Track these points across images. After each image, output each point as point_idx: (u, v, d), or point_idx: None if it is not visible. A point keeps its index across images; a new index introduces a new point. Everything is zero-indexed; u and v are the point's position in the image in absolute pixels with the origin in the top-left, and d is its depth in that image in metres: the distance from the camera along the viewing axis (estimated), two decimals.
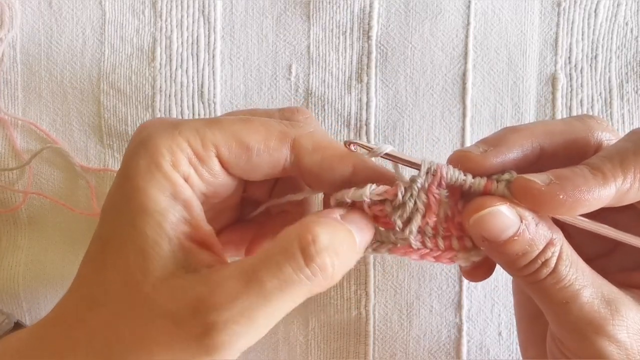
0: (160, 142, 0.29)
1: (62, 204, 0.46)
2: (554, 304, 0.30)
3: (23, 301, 0.47)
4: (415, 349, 0.46)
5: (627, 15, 0.45)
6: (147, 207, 0.29)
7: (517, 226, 0.29)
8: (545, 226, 0.29)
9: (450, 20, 0.45)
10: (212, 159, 0.30)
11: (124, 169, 0.30)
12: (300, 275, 0.27)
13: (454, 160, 0.31)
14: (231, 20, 0.46)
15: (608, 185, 0.28)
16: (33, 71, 0.46)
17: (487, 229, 0.29)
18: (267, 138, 0.30)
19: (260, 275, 0.27)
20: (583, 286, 0.29)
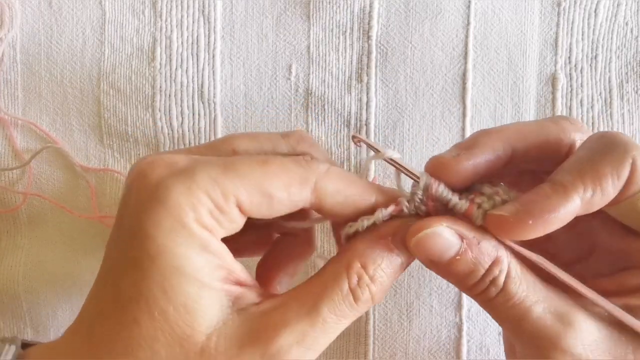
0: (180, 199, 0.28)
1: (61, 206, 0.46)
2: (507, 321, 0.31)
3: (23, 301, 0.47)
4: (415, 349, 0.46)
5: (627, 15, 0.45)
6: (181, 266, 0.28)
7: (458, 246, 0.29)
8: (489, 244, 0.30)
9: (450, 20, 0.45)
10: (232, 210, 0.29)
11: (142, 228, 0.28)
12: (353, 311, 0.30)
13: (429, 166, 0.32)
14: (231, 20, 0.46)
15: (571, 199, 0.28)
16: (33, 71, 0.46)
17: (427, 251, 0.29)
18: (288, 185, 0.30)
19: (322, 313, 0.29)
20: (535, 302, 0.30)
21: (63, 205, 0.46)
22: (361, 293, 0.29)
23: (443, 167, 0.31)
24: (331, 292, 0.29)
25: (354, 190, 0.31)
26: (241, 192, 0.29)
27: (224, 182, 0.28)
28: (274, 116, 0.46)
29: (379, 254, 0.30)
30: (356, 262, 0.30)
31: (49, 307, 0.47)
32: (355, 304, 0.29)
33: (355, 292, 0.29)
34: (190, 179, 0.28)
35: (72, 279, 0.47)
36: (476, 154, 0.31)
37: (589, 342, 0.30)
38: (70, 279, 0.47)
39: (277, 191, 0.29)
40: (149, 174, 0.29)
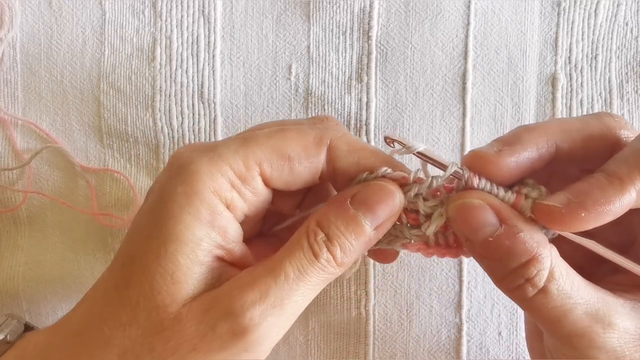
0: (201, 168, 0.29)
1: (62, 202, 0.46)
2: (543, 320, 0.30)
3: (23, 301, 0.47)
4: (415, 349, 0.46)
5: (627, 15, 0.45)
6: (182, 235, 0.29)
7: (495, 227, 0.28)
8: (531, 238, 0.28)
9: (450, 20, 0.45)
10: (255, 178, 0.30)
11: (159, 193, 0.30)
12: (315, 267, 0.29)
13: (468, 160, 0.31)
14: (231, 20, 0.46)
15: (627, 191, 0.27)
16: (33, 71, 0.46)
17: (464, 222, 0.29)
18: (305, 145, 0.30)
19: (283, 266, 0.29)
20: (576, 304, 0.29)
21: (63, 201, 0.46)
22: (319, 249, 0.29)
23: (484, 162, 0.30)
24: (293, 249, 0.29)
25: (367, 154, 0.31)
26: (261, 159, 0.30)
27: (245, 152, 0.29)
28: (274, 116, 0.46)
29: (333, 213, 0.30)
30: (313, 222, 0.30)
31: (49, 306, 0.47)
32: (315, 259, 0.29)
33: (313, 247, 0.29)
34: (212, 151, 0.29)
35: (72, 278, 0.47)
36: (519, 150, 0.30)
37: (626, 339, 0.29)
38: (70, 279, 0.47)
39: (295, 152, 0.30)
40: (180, 152, 0.31)
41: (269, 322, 0.29)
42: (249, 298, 0.28)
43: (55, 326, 0.31)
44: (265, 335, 0.29)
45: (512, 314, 0.46)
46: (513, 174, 0.30)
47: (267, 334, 0.29)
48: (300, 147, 0.30)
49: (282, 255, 0.30)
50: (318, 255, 0.29)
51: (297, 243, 0.30)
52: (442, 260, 0.46)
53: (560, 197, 0.28)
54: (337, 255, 0.30)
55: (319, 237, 0.29)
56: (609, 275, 0.32)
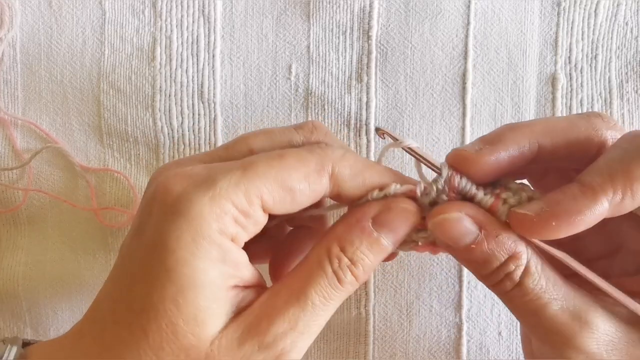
0: (204, 210, 0.28)
1: (63, 200, 0.46)
2: (521, 314, 0.31)
3: (23, 301, 0.47)
4: (415, 348, 0.46)
5: (627, 15, 0.45)
6: (198, 280, 0.28)
7: (475, 235, 0.29)
8: (509, 238, 0.29)
9: (450, 20, 0.45)
10: (257, 211, 0.29)
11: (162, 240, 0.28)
12: (339, 292, 0.30)
13: (450, 159, 0.31)
14: (231, 20, 0.46)
15: (599, 202, 0.28)
16: (33, 71, 0.46)
17: (445, 234, 0.30)
18: (306, 175, 0.30)
19: (310, 296, 0.30)
20: (552, 299, 0.29)
21: (65, 199, 0.46)
22: (343, 275, 0.30)
23: (464, 160, 0.31)
24: (316, 276, 0.30)
25: (372, 174, 0.31)
26: (264, 192, 0.29)
27: (246, 186, 0.29)
28: (274, 116, 0.46)
29: (356, 236, 0.30)
30: (335, 245, 0.30)
31: (49, 306, 0.47)
32: (340, 285, 0.30)
33: (338, 274, 0.30)
34: (212, 189, 0.28)
35: (71, 278, 0.47)
36: (499, 149, 0.30)
37: (605, 341, 0.29)
38: (70, 279, 0.47)
39: (297, 183, 0.29)
40: (172, 186, 0.29)
41: (299, 347, 0.30)
42: (280, 329, 0.29)
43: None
44: (296, 356, 0.30)
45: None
46: (493, 171, 0.31)
47: (297, 357, 0.30)
48: (302, 177, 0.30)
49: (306, 283, 0.30)
50: (343, 281, 0.30)
51: (319, 268, 0.30)
52: (442, 260, 0.46)
53: (534, 206, 0.29)
54: (359, 276, 0.30)
55: (343, 262, 0.30)
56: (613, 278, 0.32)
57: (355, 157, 0.31)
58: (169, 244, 0.28)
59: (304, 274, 0.30)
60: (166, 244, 0.28)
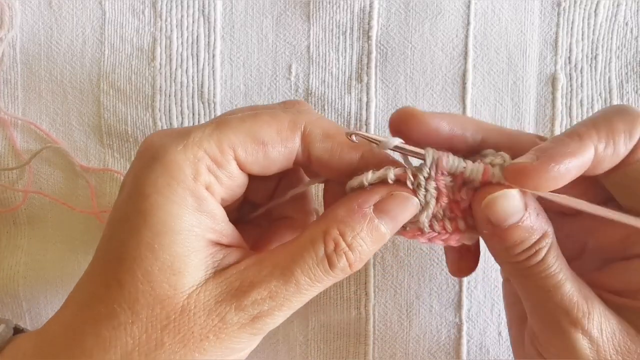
0: (177, 156, 0.29)
1: (62, 202, 0.46)
2: (536, 290, 0.31)
3: (23, 301, 0.47)
4: (415, 349, 0.46)
5: (627, 15, 0.45)
6: (174, 226, 0.28)
7: (522, 214, 0.30)
8: (543, 218, 0.30)
9: (450, 20, 0.45)
10: (230, 162, 0.30)
11: (137, 186, 0.29)
12: (328, 277, 0.30)
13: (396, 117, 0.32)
14: (231, 20, 0.46)
15: (587, 146, 0.29)
16: (33, 71, 0.46)
17: (495, 213, 0.30)
18: (279, 129, 0.30)
19: (295, 274, 0.29)
20: (566, 279, 0.30)
21: (64, 202, 0.46)
22: (337, 260, 0.30)
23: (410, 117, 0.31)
24: (306, 255, 0.30)
25: (342, 139, 0.31)
26: (236, 143, 0.30)
27: (219, 136, 0.29)
28: None
29: (357, 221, 0.30)
30: (334, 228, 0.30)
31: (49, 306, 0.47)
32: (330, 270, 0.30)
33: (331, 258, 0.30)
34: (185, 137, 0.29)
35: (72, 278, 0.47)
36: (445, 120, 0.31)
37: (604, 330, 0.30)
38: (70, 279, 0.47)
39: (269, 137, 0.30)
40: (151, 140, 0.30)
41: (276, 316, 0.30)
42: (259, 296, 0.29)
43: (43, 332, 0.31)
44: (271, 325, 0.30)
45: None
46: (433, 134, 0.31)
47: (273, 324, 0.30)
48: (274, 132, 0.30)
49: (293, 259, 0.30)
50: (335, 266, 0.30)
51: (310, 248, 0.30)
52: (442, 260, 0.46)
53: (528, 156, 0.29)
54: (354, 263, 0.30)
55: (340, 247, 0.30)
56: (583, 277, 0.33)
57: (329, 122, 0.32)
58: (144, 189, 0.29)
59: (293, 249, 0.30)
60: (142, 189, 0.29)
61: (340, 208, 0.31)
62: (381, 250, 0.46)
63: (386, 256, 0.46)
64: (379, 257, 0.46)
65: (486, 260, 0.46)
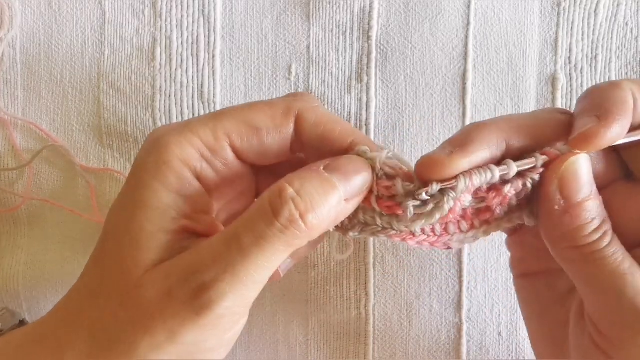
0: (170, 139, 0.30)
1: (59, 205, 0.46)
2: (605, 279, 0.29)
3: (23, 301, 0.47)
4: (415, 349, 0.46)
5: (627, 15, 0.45)
6: (149, 201, 0.29)
7: (591, 187, 0.30)
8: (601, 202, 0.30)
9: (450, 20, 0.45)
10: (225, 149, 0.31)
11: (134, 167, 0.31)
12: (272, 229, 0.27)
13: (421, 166, 0.30)
14: (231, 20, 0.46)
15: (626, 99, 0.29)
16: (33, 71, 0.46)
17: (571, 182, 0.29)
18: (273, 115, 0.31)
19: (238, 233, 0.27)
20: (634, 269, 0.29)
21: (72, 209, 0.46)
22: (282, 207, 0.27)
23: (436, 166, 0.29)
24: (249, 211, 0.28)
25: (334, 127, 0.31)
26: (230, 130, 0.30)
27: (214, 124, 0.30)
28: None
29: (307, 172, 0.29)
30: (282, 182, 0.28)
31: (49, 307, 0.47)
32: (275, 220, 0.27)
33: (275, 206, 0.27)
34: (184, 126, 0.31)
35: (72, 278, 0.46)
36: (470, 152, 0.30)
37: None
38: (70, 279, 0.46)
39: (263, 123, 0.31)
40: (155, 129, 0.32)
41: (221, 289, 0.27)
42: (202, 263, 0.27)
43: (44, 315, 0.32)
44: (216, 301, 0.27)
45: (512, 314, 0.46)
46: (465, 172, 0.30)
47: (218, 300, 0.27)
48: (268, 118, 0.31)
49: (237, 221, 0.28)
50: (279, 214, 0.27)
51: (254, 205, 0.28)
52: (442, 260, 0.46)
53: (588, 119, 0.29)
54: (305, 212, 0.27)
55: (286, 192, 0.27)
56: None
57: (324, 110, 0.32)
58: (137, 169, 0.30)
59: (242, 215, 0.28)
60: (134, 170, 0.30)
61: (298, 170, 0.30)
62: (381, 250, 0.46)
63: (386, 256, 0.46)
64: (379, 257, 0.46)
65: (486, 260, 0.46)
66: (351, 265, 0.46)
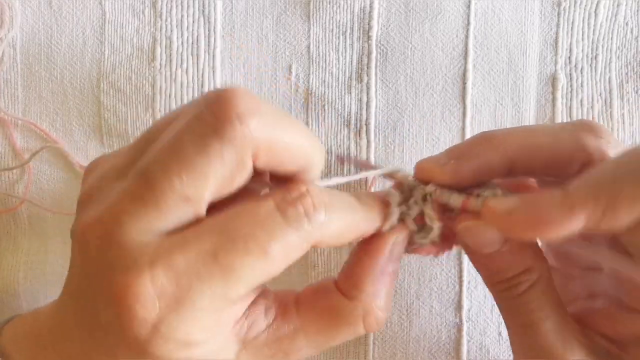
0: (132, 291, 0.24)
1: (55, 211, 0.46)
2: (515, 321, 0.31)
3: (23, 301, 0.47)
4: (415, 349, 0.46)
5: (627, 15, 0.45)
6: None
7: (497, 246, 0.30)
8: (527, 253, 0.30)
9: (450, 20, 0.45)
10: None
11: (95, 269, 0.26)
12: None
13: (418, 170, 0.32)
14: (231, 20, 0.46)
15: (575, 215, 0.26)
16: (33, 71, 0.46)
17: (472, 239, 0.30)
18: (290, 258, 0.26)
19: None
20: (547, 317, 0.30)
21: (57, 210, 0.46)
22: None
23: (429, 173, 0.31)
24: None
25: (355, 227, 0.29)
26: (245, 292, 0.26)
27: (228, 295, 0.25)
28: None
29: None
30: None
31: None
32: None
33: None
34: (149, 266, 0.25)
35: None
36: (466, 167, 0.30)
37: None
38: None
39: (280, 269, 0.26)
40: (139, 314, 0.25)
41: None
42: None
43: None
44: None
45: None
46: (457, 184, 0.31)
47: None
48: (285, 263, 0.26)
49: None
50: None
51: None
52: (442, 261, 0.46)
53: (510, 201, 0.28)
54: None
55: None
56: None
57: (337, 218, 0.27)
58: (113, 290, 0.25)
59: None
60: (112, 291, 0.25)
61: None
62: None
63: None
64: None
65: None
66: None
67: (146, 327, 0.24)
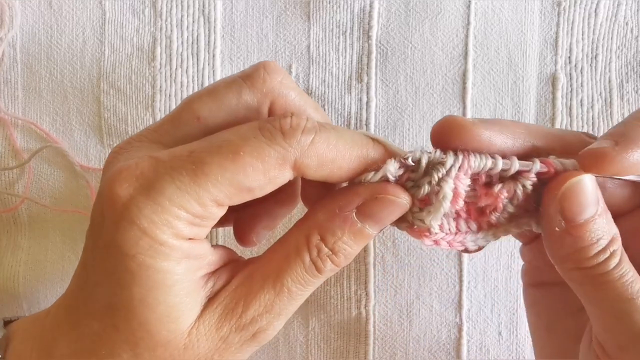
0: (154, 218, 0.27)
1: (55, 209, 0.46)
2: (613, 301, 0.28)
3: (23, 301, 0.47)
4: (415, 349, 0.46)
5: (627, 15, 0.45)
6: (164, 280, 0.28)
7: (597, 206, 0.28)
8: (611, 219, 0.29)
9: (450, 20, 0.45)
10: (212, 211, 0.28)
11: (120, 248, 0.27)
12: (316, 279, 0.30)
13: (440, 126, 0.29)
14: (231, 20, 0.46)
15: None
16: (33, 71, 0.46)
17: (572, 202, 0.28)
18: (266, 171, 0.27)
19: (286, 284, 0.30)
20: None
21: (74, 209, 0.46)
22: (322, 264, 0.30)
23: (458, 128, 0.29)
24: (294, 264, 0.30)
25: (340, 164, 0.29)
26: (218, 196, 0.27)
27: (196, 192, 0.27)
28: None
29: (338, 226, 0.29)
30: (315, 234, 0.29)
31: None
32: (318, 274, 0.30)
33: (316, 263, 0.30)
34: (160, 195, 0.27)
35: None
36: (494, 128, 0.29)
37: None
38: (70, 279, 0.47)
39: (256, 182, 0.28)
40: (117, 190, 0.27)
41: (275, 326, 0.30)
42: (256, 312, 0.29)
43: None
44: (272, 335, 0.31)
45: (512, 314, 0.46)
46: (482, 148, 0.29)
47: (274, 333, 0.31)
48: (260, 175, 0.27)
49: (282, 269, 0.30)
50: (322, 270, 0.30)
51: (297, 257, 0.29)
52: (442, 260, 0.46)
53: (604, 141, 0.28)
54: (341, 263, 0.30)
55: (323, 252, 0.29)
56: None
57: (324, 143, 0.28)
58: (127, 250, 0.27)
59: (280, 259, 0.30)
60: (125, 250, 0.27)
61: (320, 211, 0.30)
62: (381, 250, 0.46)
63: (386, 256, 0.46)
64: (379, 257, 0.46)
65: (486, 260, 0.46)
66: (351, 265, 0.46)
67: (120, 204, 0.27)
